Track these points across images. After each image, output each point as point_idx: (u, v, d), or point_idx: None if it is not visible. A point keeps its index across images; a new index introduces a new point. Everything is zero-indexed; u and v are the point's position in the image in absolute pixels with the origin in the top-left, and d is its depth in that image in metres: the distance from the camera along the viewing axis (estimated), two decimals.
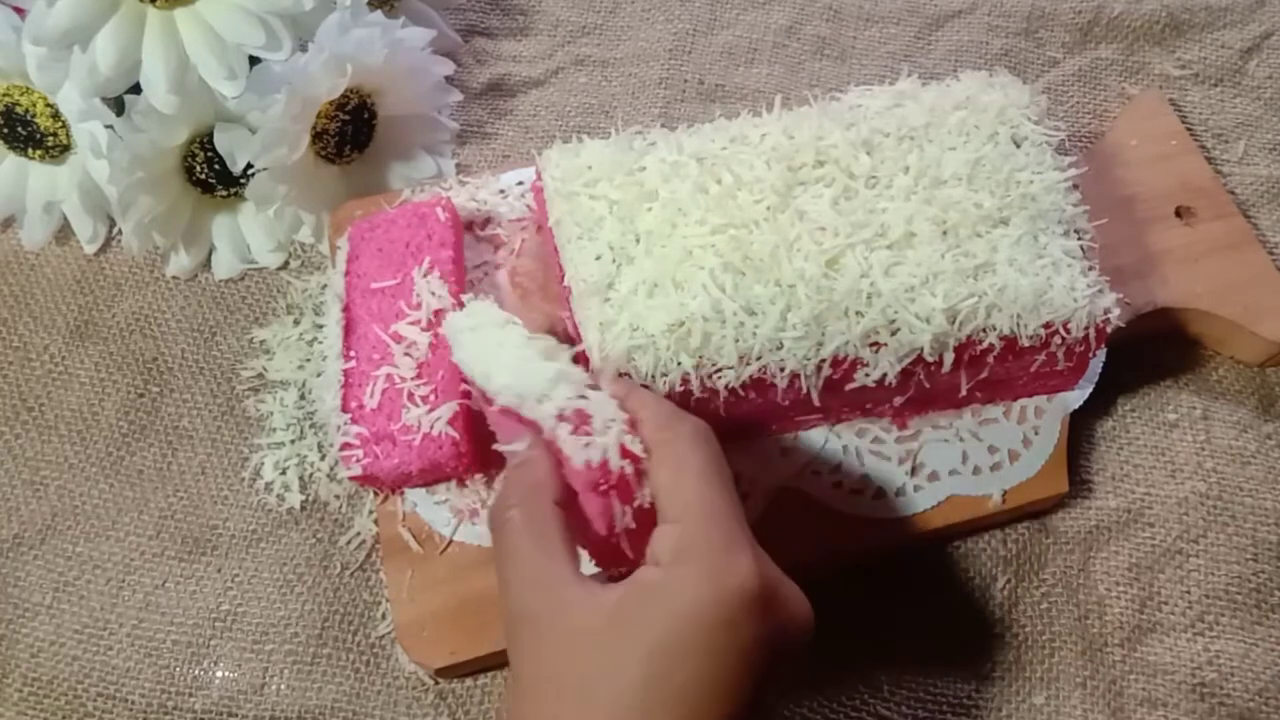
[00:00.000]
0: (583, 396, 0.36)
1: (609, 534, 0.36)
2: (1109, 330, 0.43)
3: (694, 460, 0.35)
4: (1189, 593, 0.47)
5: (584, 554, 0.37)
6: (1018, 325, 0.42)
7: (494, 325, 0.40)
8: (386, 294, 0.48)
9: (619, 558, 0.37)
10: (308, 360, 0.53)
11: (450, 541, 0.46)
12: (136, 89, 0.50)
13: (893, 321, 0.42)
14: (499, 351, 0.38)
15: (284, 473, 0.50)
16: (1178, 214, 0.53)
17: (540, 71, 0.63)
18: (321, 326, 0.53)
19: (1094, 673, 0.46)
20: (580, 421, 0.36)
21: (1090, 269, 0.43)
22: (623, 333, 0.41)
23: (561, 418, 0.36)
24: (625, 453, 0.35)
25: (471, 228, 0.53)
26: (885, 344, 0.42)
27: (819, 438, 0.47)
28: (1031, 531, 0.49)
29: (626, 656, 0.31)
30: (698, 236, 0.43)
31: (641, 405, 0.37)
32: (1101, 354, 0.47)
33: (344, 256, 0.50)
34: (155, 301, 0.56)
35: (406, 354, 0.46)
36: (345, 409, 0.45)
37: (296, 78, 0.49)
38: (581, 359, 0.41)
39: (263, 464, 0.50)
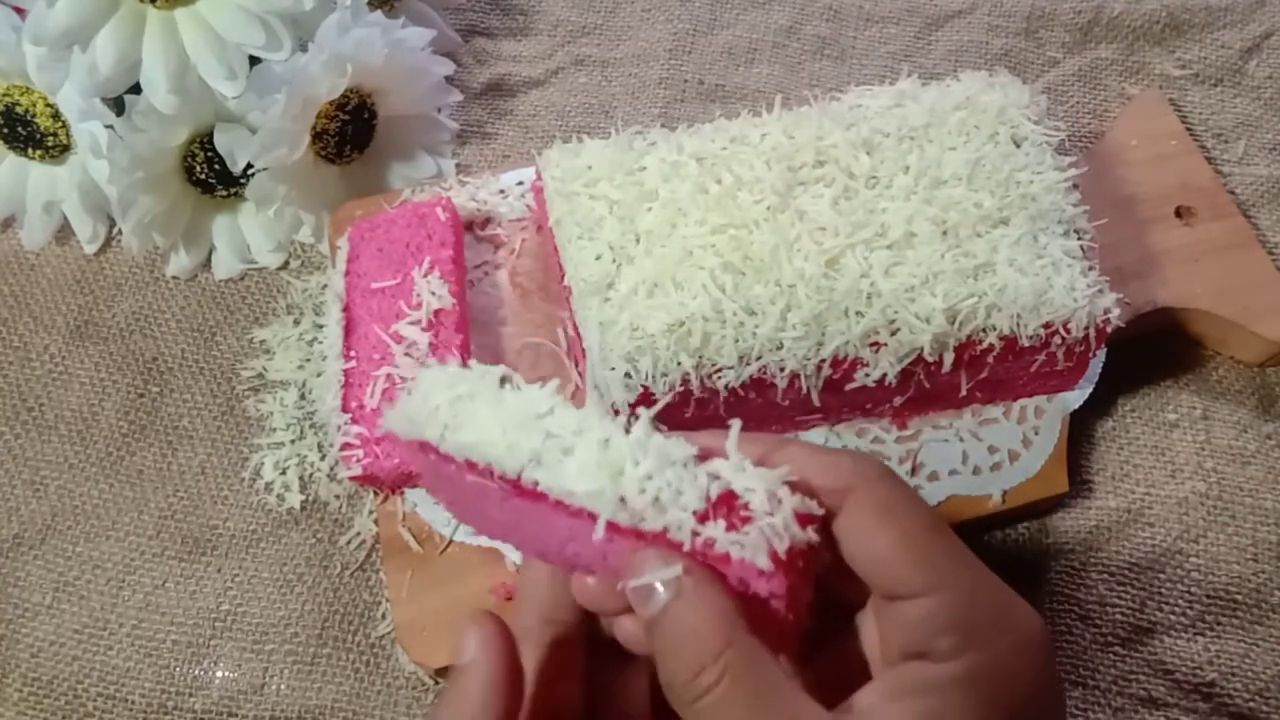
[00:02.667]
0: (715, 476, 0.26)
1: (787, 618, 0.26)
2: (1109, 330, 0.43)
3: (917, 513, 0.27)
4: (1189, 593, 0.47)
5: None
6: (1018, 325, 0.42)
7: (488, 388, 0.28)
8: (386, 294, 0.48)
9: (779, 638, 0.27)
10: (308, 360, 0.53)
11: (450, 541, 0.46)
12: (136, 89, 0.50)
13: (893, 321, 0.42)
14: (546, 432, 0.27)
15: (284, 473, 0.50)
16: (1178, 214, 0.53)
17: (540, 71, 0.63)
18: (321, 326, 0.53)
19: (1094, 673, 0.46)
20: (729, 509, 0.26)
21: (1090, 269, 0.43)
22: (623, 333, 0.41)
23: (705, 517, 0.25)
24: (803, 520, 0.26)
25: (471, 228, 0.53)
26: (885, 344, 0.42)
27: (819, 438, 0.47)
28: (1031, 531, 0.49)
29: None
30: (698, 236, 0.43)
31: (797, 457, 0.27)
32: (1101, 354, 0.47)
33: (344, 256, 0.50)
34: (155, 301, 0.56)
35: (406, 354, 0.46)
36: (345, 409, 0.45)
37: (296, 78, 0.49)
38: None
39: (263, 464, 0.50)
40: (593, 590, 0.28)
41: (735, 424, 0.27)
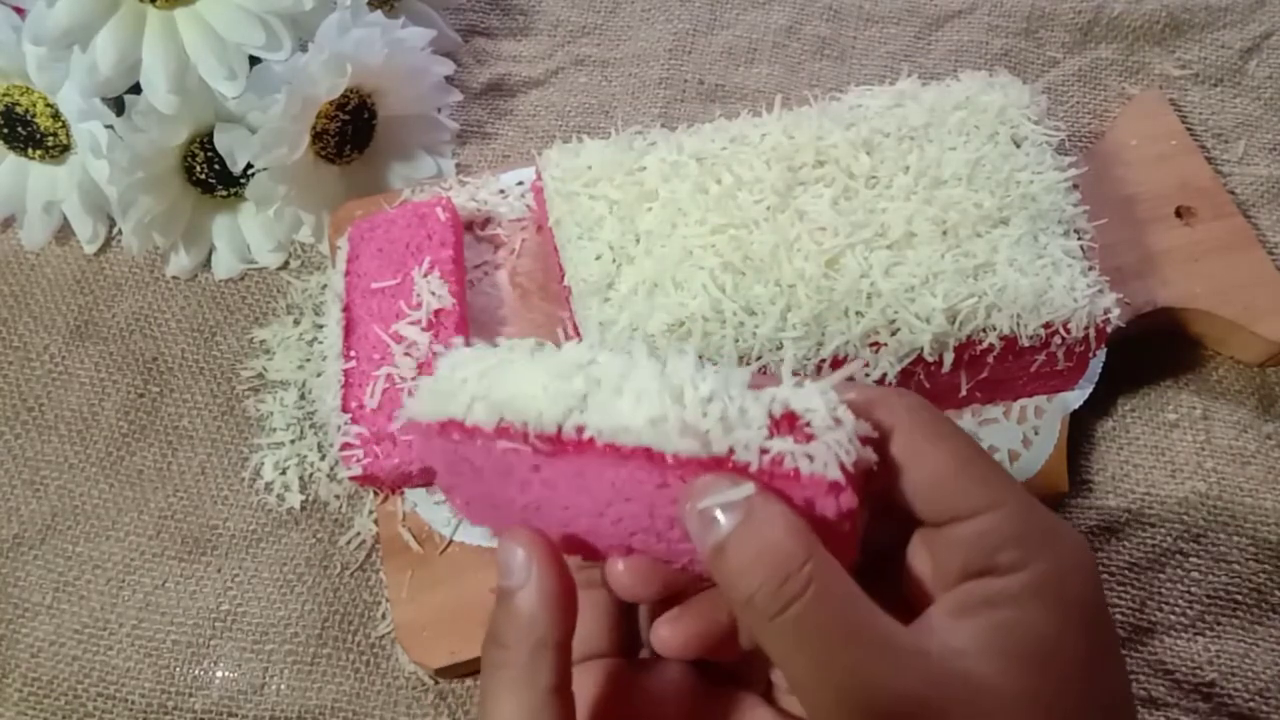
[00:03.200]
0: (773, 398, 0.26)
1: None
2: (1109, 330, 0.43)
3: (961, 436, 0.27)
4: (1189, 593, 0.47)
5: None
6: (1018, 325, 0.42)
7: (520, 355, 0.28)
8: (386, 294, 0.48)
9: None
10: (308, 360, 0.53)
11: (450, 541, 0.46)
12: (136, 89, 0.50)
13: (893, 321, 0.42)
14: (591, 378, 0.26)
15: (284, 473, 0.50)
16: (1178, 214, 0.53)
17: (540, 71, 0.63)
18: (321, 326, 0.53)
19: None
20: (792, 427, 0.25)
21: (1090, 269, 0.43)
22: (623, 333, 0.41)
23: (771, 433, 0.25)
24: (863, 440, 0.26)
25: (471, 228, 0.53)
26: (885, 344, 0.42)
27: None
28: None
29: (1065, 684, 0.24)
30: (698, 236, 0.43)
31: (841, 389, 0.27)
32: (1101, 354, 0.47)
33: (344, 256, 0.50)
34: (155, 301, 0.56)
35: (406, 354, 0.46)
36: (345, 409, 0.45)
37: (296, 78, 0.49)
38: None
39: (263, 464, 0.50)
40: (624, 575, 0.28)
41: (789, 350, 0.27)
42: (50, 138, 0.54)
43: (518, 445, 0.26)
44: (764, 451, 0.24)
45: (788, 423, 0.25)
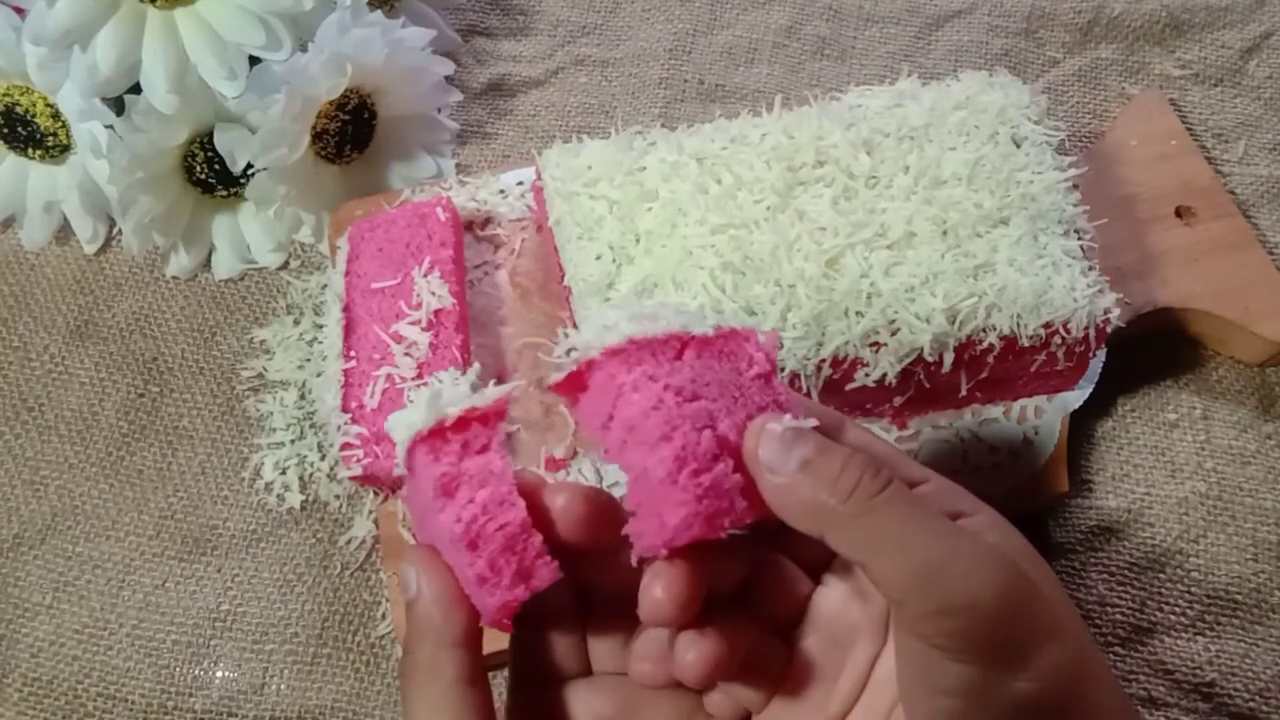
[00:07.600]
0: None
1: None
2: (1109, 330, 0.43)
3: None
4: (1189, 593, 0.47)
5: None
6: (1018, 325, 0.42)
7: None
8: (386, 294, 0.48)
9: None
10: (308, 360, 0.53)
11: None
12: (136, 89, 0.50)
13: (893, 321, 0.42)
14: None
15: (284, 473, 0.50)
16: (1178, 214, 0.53)
17: (540, 71, 0.63)
18: (321, 326, 0.53)
19: None
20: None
21: (1090, 269, 0.43)
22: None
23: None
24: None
25: (471, 228, 0.53)
26: (885, 344, 0.42)
27: None
28: (1032, 531, 0.49)
29: (1046, 574, 0.30)
30: (698, 236, 0.43)
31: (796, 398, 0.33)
32: (1101, 354, 0.47)
33: (344, 256, 0.50)
34: (155, 301, 0.56)
35: (406, 354, 0.46)
36: (345, 409, 0.45)
37: (296, 78, 0.49)
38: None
39: (263, 464, 0.50)
40: (662, 594, 0.28)
41: (789, 350, 0.35)
42: (50, 138, 0.54)
43: (439, 449, 0.29)
44: (712, 324, 0.30)
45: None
